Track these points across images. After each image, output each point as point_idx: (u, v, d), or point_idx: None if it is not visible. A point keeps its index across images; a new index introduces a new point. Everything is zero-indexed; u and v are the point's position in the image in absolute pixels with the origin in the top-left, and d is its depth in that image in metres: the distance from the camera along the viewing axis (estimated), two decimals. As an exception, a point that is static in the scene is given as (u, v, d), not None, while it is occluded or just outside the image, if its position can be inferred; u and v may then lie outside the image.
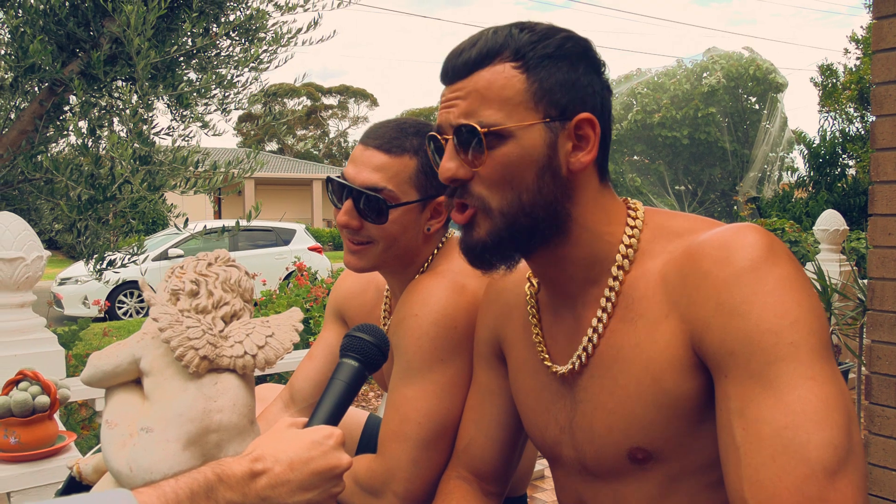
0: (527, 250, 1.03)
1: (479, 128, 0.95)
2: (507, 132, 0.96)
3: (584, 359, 1.04)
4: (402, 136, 1.39)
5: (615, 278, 1.02)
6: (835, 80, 14.35)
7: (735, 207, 18.39)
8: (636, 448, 0.99)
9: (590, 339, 1.03)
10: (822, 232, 5.53)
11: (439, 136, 1.02)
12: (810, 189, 12.92)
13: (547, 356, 1.12)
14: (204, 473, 0.87)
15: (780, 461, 0.80)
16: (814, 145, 12.63)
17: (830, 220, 5.52)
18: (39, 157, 3.19)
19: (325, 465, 0.96)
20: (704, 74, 20.03)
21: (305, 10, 3.80)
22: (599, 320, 1.03)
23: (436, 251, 1.47)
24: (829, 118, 13.41)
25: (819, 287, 3.43)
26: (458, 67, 1.00)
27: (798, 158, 17.87)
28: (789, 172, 18.85)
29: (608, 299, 1.02)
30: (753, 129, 19.93)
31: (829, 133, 12.65)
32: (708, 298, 0.90)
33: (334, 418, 1.06)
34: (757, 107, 20.22)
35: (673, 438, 0.97)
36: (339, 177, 1.41)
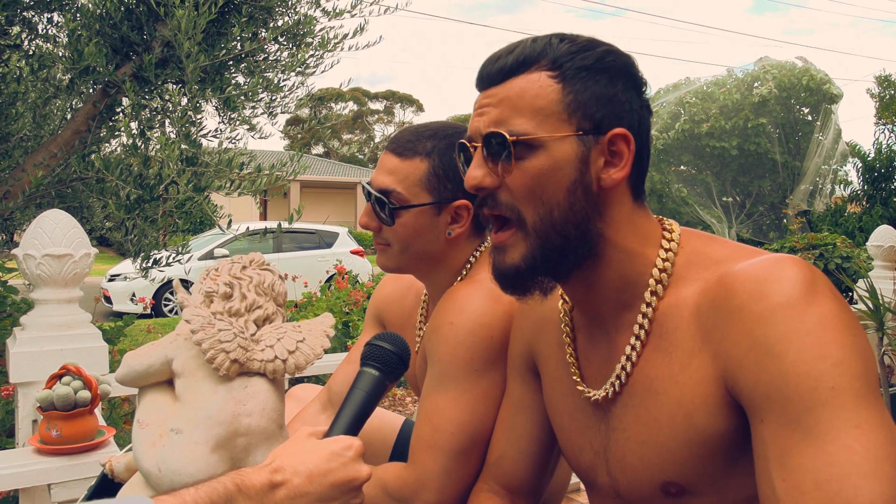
0: (560, 274, 0.99)
1: (507, 136, 0.92)
2: (538, 142, 0.92)
3: (617, 387, 1.01)
4: (417, 139, 1.40)
5: (648, 304, 0.97)
6: (892, 92, 13.94)
7: (784, 221, 17.96)
8: (669, 482, 0.95)
9: (623, 367, 1.00)
10: (875, 248, 5.34)
11: (469, 145, 0.99)
12: (864, 203, 12.52)
13: (580, 380, 1.09)
14: (223, 483, 0.87)
15: None
16: (869, 158, 12.25)
17: (885, 236, 5.33)
18: (91, 156, 3.26)
19: (344, 476, 0.96)
20: (755, 84, 19.57)
21: (352, 16, 3.82)
22: (633, 348, 0.99)
23: (473, 259, 1.45)
24: (886, 130, 13.00)
25: (871, 306, 3.31)
26: (493, 74, 0.97)
27: (852, 172, 17.34)
28: (842, 186, 18.33)
29: (641, 326, 0.98)
30: (805, 141, 19.39)
31: (885, 146, 12.26)
32: (741, 335, 0.84)
33: (354, 428, 1.05)
34: (810, 118, 19.67)
35: (708, 474, 0.92)
36: (368, 181, 1.43)
